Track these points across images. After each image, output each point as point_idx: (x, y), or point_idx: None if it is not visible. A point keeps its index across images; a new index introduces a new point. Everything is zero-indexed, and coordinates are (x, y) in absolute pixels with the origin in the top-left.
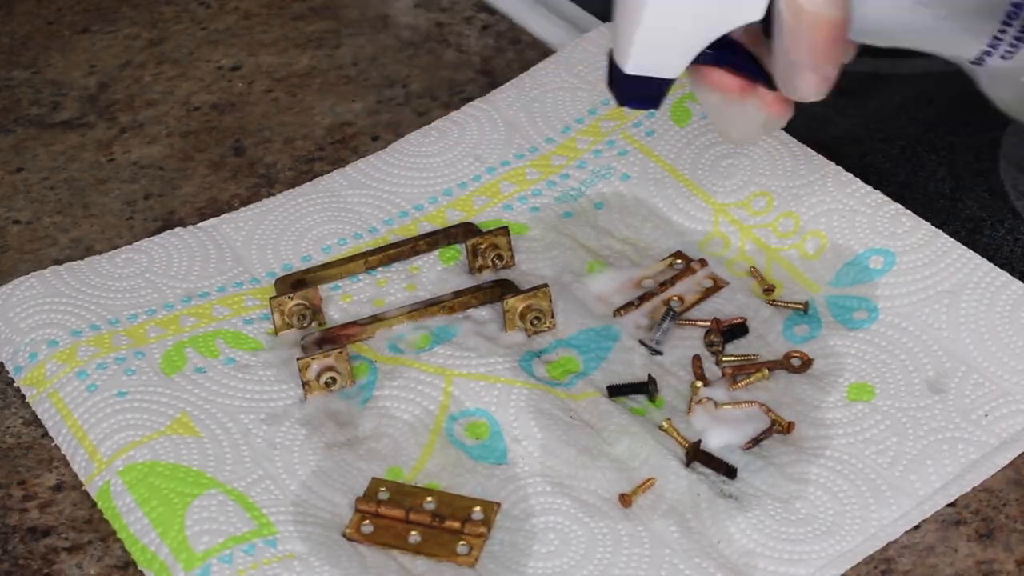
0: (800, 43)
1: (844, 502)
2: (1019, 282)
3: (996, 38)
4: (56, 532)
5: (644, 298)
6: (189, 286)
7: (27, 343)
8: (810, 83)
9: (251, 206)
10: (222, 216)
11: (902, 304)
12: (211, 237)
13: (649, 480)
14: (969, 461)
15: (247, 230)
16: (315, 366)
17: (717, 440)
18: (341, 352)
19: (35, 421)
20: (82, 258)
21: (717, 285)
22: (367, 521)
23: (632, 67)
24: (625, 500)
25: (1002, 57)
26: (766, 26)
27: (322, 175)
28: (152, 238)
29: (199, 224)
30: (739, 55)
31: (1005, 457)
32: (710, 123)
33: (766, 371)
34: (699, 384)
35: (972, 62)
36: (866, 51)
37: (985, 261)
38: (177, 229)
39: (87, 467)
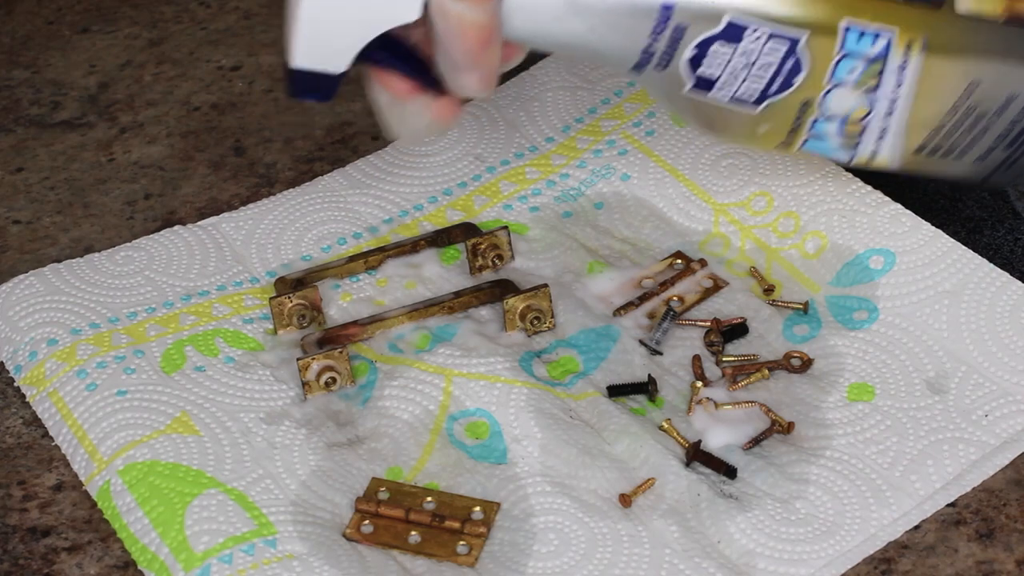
0: (453, 45)
1: (844, 502)
2: (1019, 282)
3: (648, 50)
4: (56, 532)
5: (644, 298)
6: (189, 284)
7: (27, 342)
8: (471, 82)
9: (251, 205)
10: (222, 215)
11: (902, 304)
12: (211, 235)
13: (649, 480)
14: (969, 462)
15: (247, 229)
16: (315, 366)
17: (717, 440)
18: (341, 352)
19: (35, 421)
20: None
21: (717, 285)
22: (367, 521)
23: (298, 61)
24: (625, 500)
25: (658, 67)
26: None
27: (322, 175)
28: (152, 236)
29: (199, 222)
30: (407, 58)
31: (1005, 457)
32: (383, 118)
33: (766, 371)
34: (699, 384)
35: (632, 70)
36: None
37: (985, 261)
38: (177, 227)
39: (87, 467)
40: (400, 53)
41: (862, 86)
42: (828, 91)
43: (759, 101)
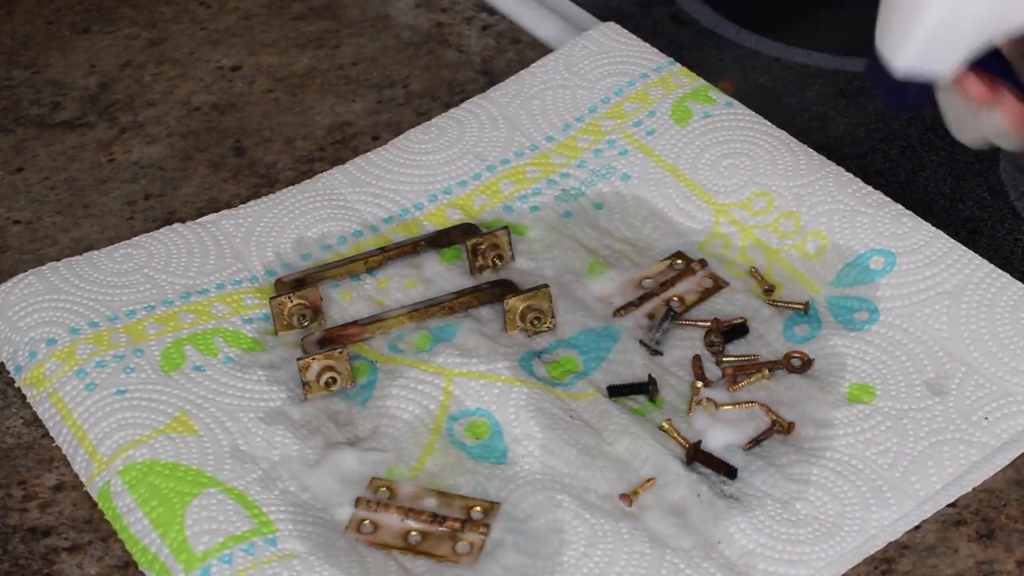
0: None
1: (844, 503)
2: (1019, 283)
3: None
4: (56, 532)
5: (644, 298)
6: (188, 282)
7: (27, 342)
8: None
9: (251, 203)
10: (221, 212)
11: (903, 305)
12: (210, 233)
13: (649, 480)
14: (970, 463)
15: (247, 227)
16: (315, 366)
17: (717, 440)
18: (341, 352)
19: (35, 421)
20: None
21: (717, 285)
22: (367, 521)
23: (905, 65)
24: (626, 500)
25: None
26: None
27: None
28: (151, 233)
29: (199, 220)
30: (997, 59)
31: (1005, 458)
32: (949, 119)
33: (766, 371)
34: (699, 384)
35: None
36: (865, 53)
37: (985, 262)
38: (176, 225)
39: (87, 467)
40: (988, 55)
41: None
42: None
43: None
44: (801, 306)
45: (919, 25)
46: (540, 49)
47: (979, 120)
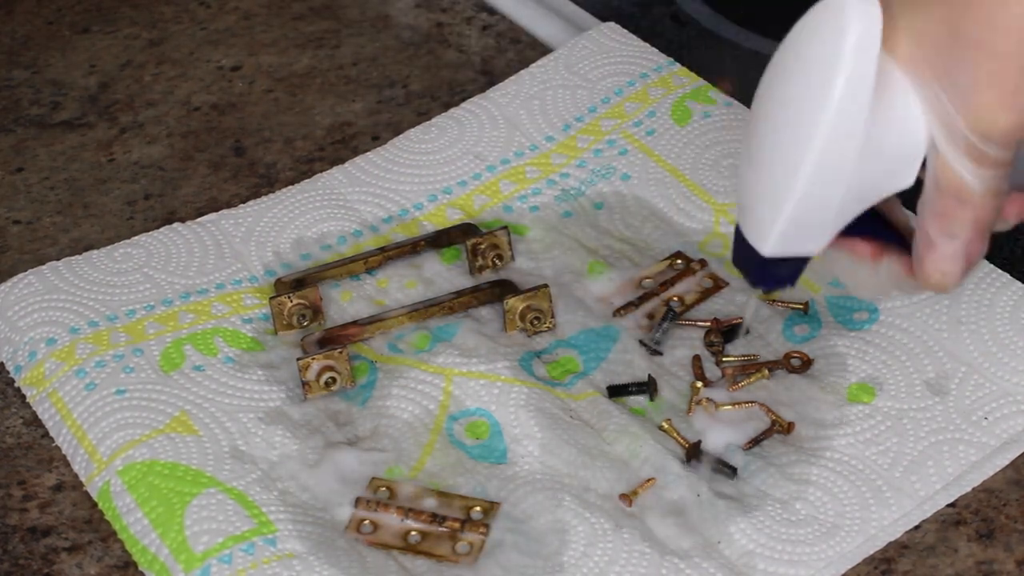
0: (950, 214)
1: (844, 503)
2: (1019, 283)
3: None
4: (56, 532)
5: (644, 298)
6: (188, 282)
7: (26, 342)
8: (945, 260)
9: (251, 203)
10: (221, 212)
11: (902, 305)
12: (210, 233)
13: (649, 480)
14: (969, 463)
15: (246, 226)
16: (315, 366)
17: (717, 440)
18: (341, 352)
19: (35, 421)
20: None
21: (717, 285)
22: (367, 521)
23: (771, 250)
24: (625, 500)
25: None
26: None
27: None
28: (151, 233)
29: (199, 219)
30: (873, 220)
31: (1005, 458)
32: (846, 281)
33: (766, 371)
34: (699, 384)
35: None
36: None
37: (985, 262)
38: (176, 224)
39: (87, 467)
40: (866, 217)
41: None
42: None
43: None
44: (801, 306)
45: (782, 213)
46: (540, 49)
47: (875, 276)
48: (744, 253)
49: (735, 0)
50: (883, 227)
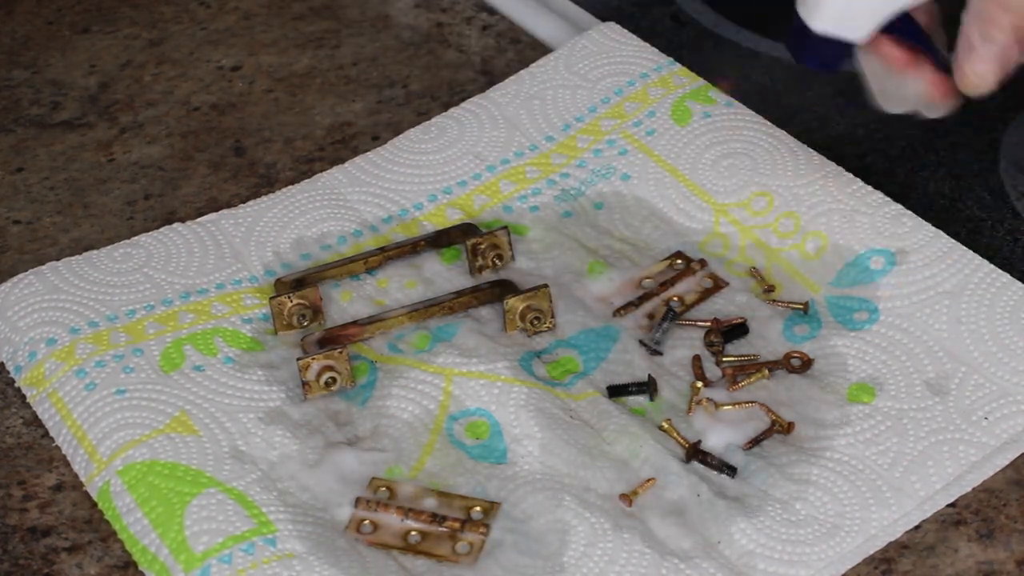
0: (993, 24)
1: (844, 503)
2: (1019, 283)
3: None
4: (56, 532)
5: (644, 298)
6: (188, 282)
7: (26, 342)
8: (985, 67)
9: (250, 203)
10: (221, 212)
11: (903, 305)
12: (210, 232)
13: (649, 480)
14: (970, 463)
15: (246, 226)
16: (315, 366)
17: (717, 440)
18: (341, 352)
19: (35, 421)
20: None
21: (717, 285)
22: (367, 521)
23: (820, 25)
24: (625, 500)
25: None
26: None
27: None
28: (151, 233)
29: (198, 219)
30: (915, 30)
31: (1005, 458)
32: (873, 87)
33: (766, 371)
34: (699, 384)
35: None
36: None
37: (986, 262)
38: (176, 224)
39: (87, 467)
40: (904, 23)
41: None
42: None
43: None
44: (801, 306)
45: None
46: (540, 49)
47: (902, 87)
48: (796, 31)
49: (735, 0)
50: (922, 38)
